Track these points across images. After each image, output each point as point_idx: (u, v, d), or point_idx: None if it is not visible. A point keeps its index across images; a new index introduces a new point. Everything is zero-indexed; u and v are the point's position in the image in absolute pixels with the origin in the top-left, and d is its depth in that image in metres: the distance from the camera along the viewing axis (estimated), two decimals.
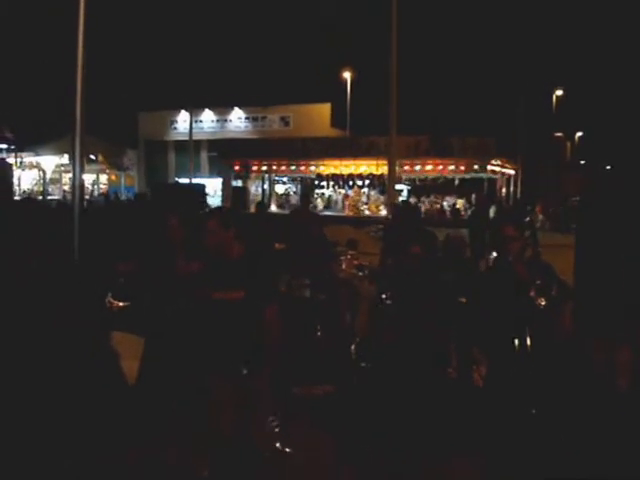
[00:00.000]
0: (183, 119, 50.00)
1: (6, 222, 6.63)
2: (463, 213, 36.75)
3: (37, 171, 50.49)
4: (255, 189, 45.03)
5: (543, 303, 5.14)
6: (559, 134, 48.51)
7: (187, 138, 41.77)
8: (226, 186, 44.78)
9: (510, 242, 5.26)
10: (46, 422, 4.55)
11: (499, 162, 38.53)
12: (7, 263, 5.28)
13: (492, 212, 36.70)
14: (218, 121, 51.55)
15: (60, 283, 5.34)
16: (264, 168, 43.15)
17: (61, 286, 5.28)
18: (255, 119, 50.32)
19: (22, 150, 49.06)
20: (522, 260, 5.32)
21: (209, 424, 5.07)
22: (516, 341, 5.17)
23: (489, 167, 37.35)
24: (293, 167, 41.95)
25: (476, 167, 36.80)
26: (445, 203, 40.41)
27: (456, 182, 39.39)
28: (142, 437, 5.50)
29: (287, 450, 5.72)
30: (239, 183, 44.63)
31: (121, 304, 5.97)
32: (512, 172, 41.55)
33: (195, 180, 38.91)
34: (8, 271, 5.19)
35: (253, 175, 44.19)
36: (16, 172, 42.46)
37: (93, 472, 4.79)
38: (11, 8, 61.61)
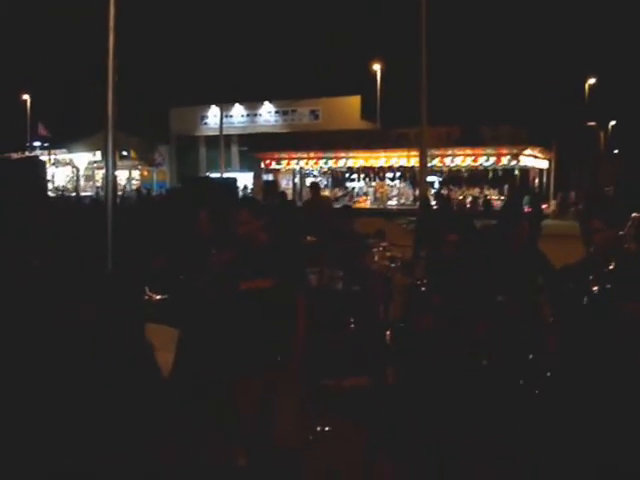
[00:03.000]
0: (213, 114, 50.23)
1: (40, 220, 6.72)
2: (495, 204, 36.47)
3: (70, 168, 51.03)
4: (286, 183, 45.06)
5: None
6: (592, 123, 47.86)
7: (218, 133, 41.94)
8: (257, 180, 44.89)
9: (596, 234, 5.32)
10: (82, 412, 4.59)
11: (532, 152, 38.14)
12: (44, 257, 5.35)
13: (525, 203, 36.52)
14: (248, 115, 51.72)
15: (96, 278, 5.40)
16: (294, 162, 43.15)
17: (97, 281, 5.34)
18: (285, 113, 50.39)
19: (55, 147, 49.65)
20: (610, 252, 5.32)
21: (242, 415, 5.08)
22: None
23: (521, 157, 36.99)
24: (323, 160, 41.90)
25: (508, 157, 36.47)
26: (477, 194, 40.06)
27: (489, 173, 39.08)
28: (178, 428, 5.53)
29: (317, 441, 5.72)
30: (270, 177, 44.71)
31: (158, 297, 6.00)
32: (545, 162, 41.12)
33: (226, 175, 39.06)
34: (45, 265, 5.25)
35: (283, 169, 44.21)
36: (50, 169, 42.97)
37: (130, 462, 4.83)
38: (44, 5, 62.28)
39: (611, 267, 5.14)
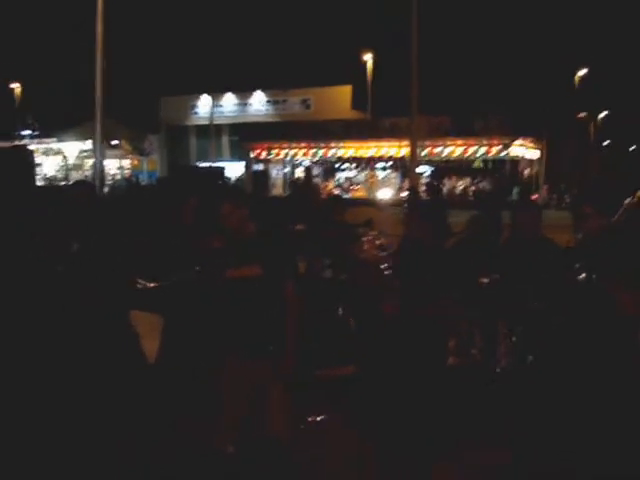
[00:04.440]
0: (204, 103, 50.12)
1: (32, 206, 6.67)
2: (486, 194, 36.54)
3: (60, 157, 50.81)
4: (276, 173, 45.01)
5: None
6: (583, 114, 47.92)
7: (208, 122, 41.86)
8: (247, 170, 44.84)
9: (586, 219, 5.29)
10: (66, 400, 4.57)
11: (522, 143, 38.20)
12: (34, 246, 5.31)
13: (515, 193, 36.64)
14: (239, 105, 51.60)
15: (83, 265, 5.36)
16: (285, 152, 43.10)
17: (83, 268, 5.30)
18: (276, 102, 50.31)
19: (45, 136, 49.42)
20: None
21: (228, 403, 5.07)
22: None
23: (512, 148, 37.04)
24: (314, 150, 41.87)
25: (499, 148, 36.52)
26: (467, 185, 40.11)
27: (479, 164, 39.13)
28: (164, 415, 5.51)
29: (306, 431, 5.72)
30: (260, 167, 44.66)
31: (151, 285, 5.98)
32: (536, 153, 41.18)
33: (216, 164, 38.99)
34: (34, 253, 5.21)
35: (274, 159, 44.16)
36: (39, 158, 42.77)
37: (116, 452, 4.81)
38: None
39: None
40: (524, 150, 39.24)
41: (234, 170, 43.91)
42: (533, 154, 41.17)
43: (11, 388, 4.62)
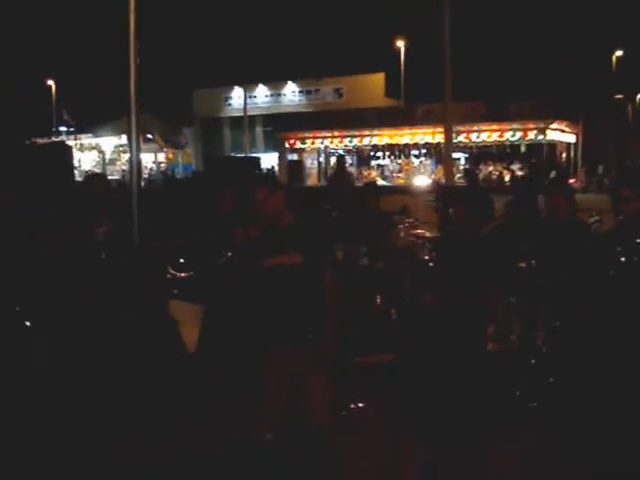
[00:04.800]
0: (237, 95, 50.23)
1: (73, 198, 6.78)
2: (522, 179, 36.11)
3: (96, 152, 51.32)
4: (310, 162, 45.00)
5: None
6: (620, 96, 47.14)
7: (242, 114, 41.93)
8: (282, 160, 44.89)
9: (626, 202, 5.20)
10: (108, 386, 4.64)
11: (558, 126, 37.71)
12: (72, 235, 5.39)
13: (552, 178, 36.17)
14: (272, 95, 51.65)
15: (121, 256, 5.44)
16: (319, 141, 43.06)
17: (122, 259, 5.37)
18: (309, 92, 50.25)
19: (82, 132, 49.96)
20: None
21: (269, 390, 5.10)
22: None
23: (548, 132, 36.59)
24: (348, 139, 41.76)
25: (535, 132, 36.11)
26: (504, 170, 39.72)
27: (515, 149, 38.76)
28: (203, 402, 5.58)
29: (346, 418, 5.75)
30: (295, 157, 44.68)
31: (183, 274, 6.04)
32: (572, 137, 40.64)
33: (251, 155, 39.10)
34: (72, 243, 5.30)
35: (308, 148, 44.14)
36: (76, 154, 43.24)
37: (156, 436, 4.88)
38: None
39: None
40: (560, 134, 38.75)
41: (268, 160, 44.01)
42: (570, 137, 40.65)
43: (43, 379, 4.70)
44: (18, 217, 5.39)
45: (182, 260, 6.17)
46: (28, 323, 4.80)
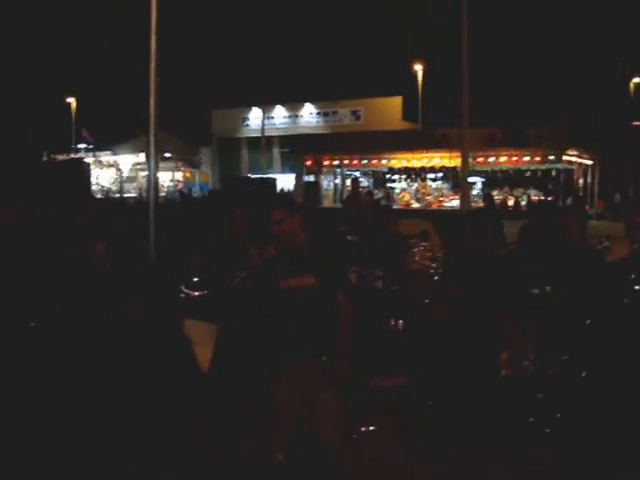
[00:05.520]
0: (255, 116, 50.54)
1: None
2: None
3: (114, 170, 51.70)
4: (327, 184, 45.08)
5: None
6: (637, 123, 46.99)
7: (259, 135, 42.17)
8: (298, 181, 45.00)
9: (639, 230, 5.16)
10: (121, 407, 4.65)
11: (575, 152, 37.63)
12: (86, 254, 5.43)
13: (569, 203, 36.06)
14: (290, 117, 51.92)
15: (137, 274, 5.46)
16: (335, 163, 43.14)
17: (138, 277, 5.40)
18: (326, 114, 50.47)
19: (100, 149, 50.39)
20: None
21: (282, 411, 5.10)
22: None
23: (565, 157, 36.52)
24: (365, 161, 41.83)
25: (551, 157, 36.03)
26: (520, 195, 39.60)
27: (531, 174, 38.66)
28: (216, 422, 5.58)
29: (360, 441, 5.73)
30: (311, 178, 44.78)
31: (196, 293, 6.07)
32: (589, 162, 40.54)
33: (268, 176, 39.24)
34: (87, 261, 5.33)
35: (325, 170, 44.23)
36: (94, 171, 43.58)
37: (169, 457, 4.88)
38: (85, 10, 63.29)
39: None
40: (577, 160, 38.66)
41: (285, 181, 44.14)
42: (586, 164, 40.54)
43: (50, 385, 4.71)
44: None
45: (196, 279, 6.20)
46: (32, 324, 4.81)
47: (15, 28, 62.87)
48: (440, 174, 40.19)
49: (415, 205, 39.11)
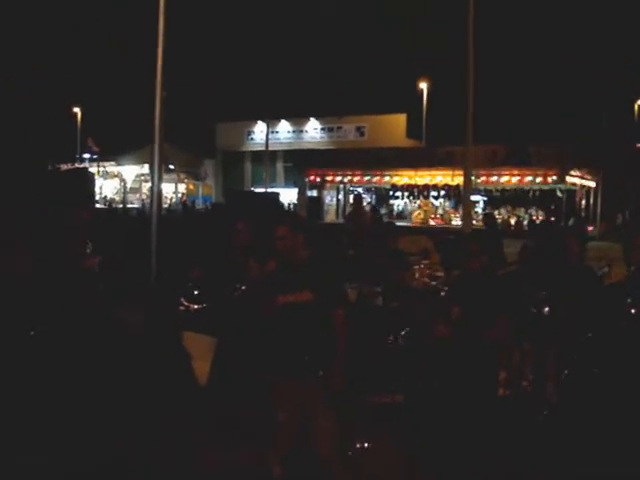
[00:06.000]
0: (260, 130, 50.68)
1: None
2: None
3: (118, 180, 51.83)
4: (330, 199, 45.16)
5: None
6: None
7: (263, 148, 42.27)
8: (301, 196, 45.07)
9: (637, 252, 5.16)
10: (118, 421, 4.65)
11: (578, 173, 37.70)
12: (82, 265, 5.45)
13: (571, 224, 36.07)
14: (294, 132, 52.06)
15: (133, 285, 5.47)
16: (339, 178, 43.22)
17: (135, 288, 5.41)
18: (331, 129, 50.61)
19: (105, 160, 50.55)
20: None
21: (279, 425, 5.12)
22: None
23: (568, 178, 36.57)
24: (368, 177, 41.90)
25: (554, 178, 36.08)
26: (522, 214, 39.64)
27: (534, 194, 38.72)
28: (214, 437, 5.58)
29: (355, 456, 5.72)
30: (314, 193, 44.86)
31: (196, 306, 6.09)
32: (592, 184, 40.59)
33: (270, 190, 39.34)
34: (83, 273, 5.35)
35: (328, 185, 44.31)
36: (98, 181, 43.71)
37: (166, 473, 4.87)
38: (92, 20, 63.66)
39: None
40: (580, 180, 38.71)
41: (288, 196, 44.23)
42: (589, 184, 40.58)
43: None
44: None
45: (196, 292, 6.22)
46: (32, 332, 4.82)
47: (21, 37, 63.26)
48: (443, 192, 40.24)
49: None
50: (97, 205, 32.59)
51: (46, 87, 57.81)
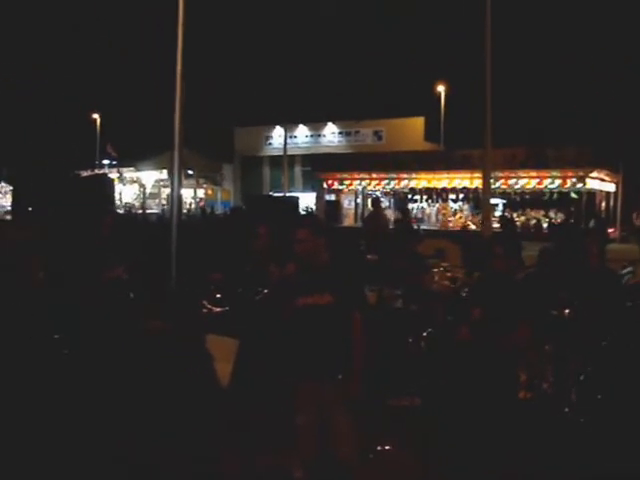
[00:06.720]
0: (278, 134, 50.77)
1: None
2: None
3: (137, 186, 52.07)
4: (348, 203, 45.10)
5: None
6: None
7: (282, 153, 42.33)
8: (319, 200, 45.09)
9: None
10: (141, 421, 4.70)
11: (598, 175, 37.43)
12: (105, 270, 5.50)
13: (591, 227, 35.82)
14: (312, 136, 52.12)
15: (157, 289, 5.53)
16: (357, 182, 43.18)
17: (157, 292, 5.46)
18: (348, 134, 50.63)
19: (124, 165, 50.82)
20: None
21: (300, 428, 5.13)
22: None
23: (587, 180, 36.31)
24: (386, 181, 41.83)
25: (574, 180, 35.84)
26: (541, 217, 39.38)
27: (554, 195, 38.46)
28: (235, 438, 5.61)
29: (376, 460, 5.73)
30: (332, 197, 44.84)
31: (218, 309, 6.13)
32: (612, 185, 40.31)
33: (289, 194, 39.39)
34: (106, 277, 5.40)
35: (346, 189, 44.27)
36: (117, 187, 43.96)
37: (188, 473, 4.91)
38: (112, 26, 64.12)
39: None
40: (600, 182, 38.43)
41: (306, 200, 44.23)
42: (609, 187, 40.30)
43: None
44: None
45: (218, 295, 6.26)
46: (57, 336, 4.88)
47: (40, 44, 63.80)
48: (461, 195, 40.07)
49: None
50: (118, 210, 32.75)
51: (65, 93, 58.29)
